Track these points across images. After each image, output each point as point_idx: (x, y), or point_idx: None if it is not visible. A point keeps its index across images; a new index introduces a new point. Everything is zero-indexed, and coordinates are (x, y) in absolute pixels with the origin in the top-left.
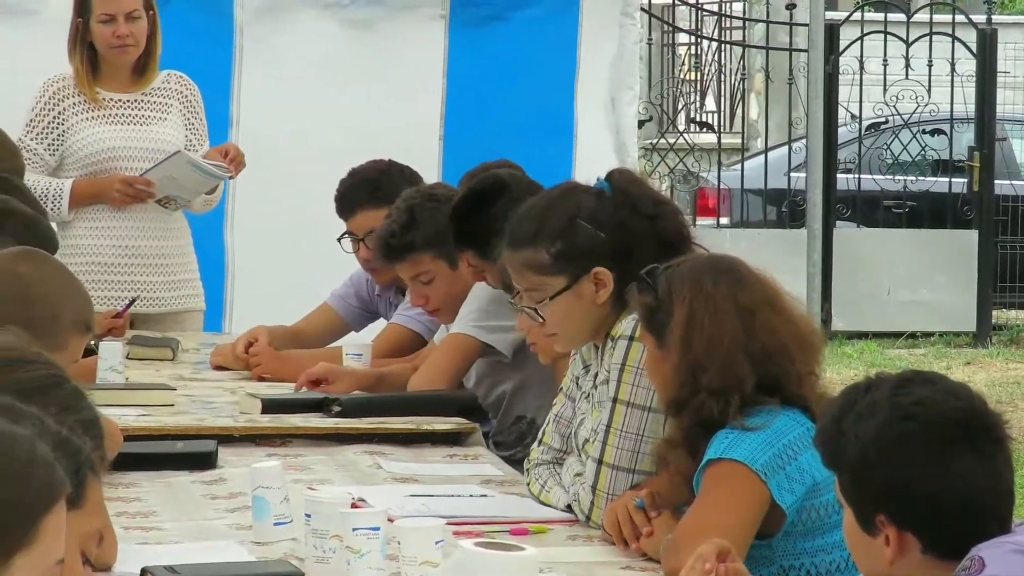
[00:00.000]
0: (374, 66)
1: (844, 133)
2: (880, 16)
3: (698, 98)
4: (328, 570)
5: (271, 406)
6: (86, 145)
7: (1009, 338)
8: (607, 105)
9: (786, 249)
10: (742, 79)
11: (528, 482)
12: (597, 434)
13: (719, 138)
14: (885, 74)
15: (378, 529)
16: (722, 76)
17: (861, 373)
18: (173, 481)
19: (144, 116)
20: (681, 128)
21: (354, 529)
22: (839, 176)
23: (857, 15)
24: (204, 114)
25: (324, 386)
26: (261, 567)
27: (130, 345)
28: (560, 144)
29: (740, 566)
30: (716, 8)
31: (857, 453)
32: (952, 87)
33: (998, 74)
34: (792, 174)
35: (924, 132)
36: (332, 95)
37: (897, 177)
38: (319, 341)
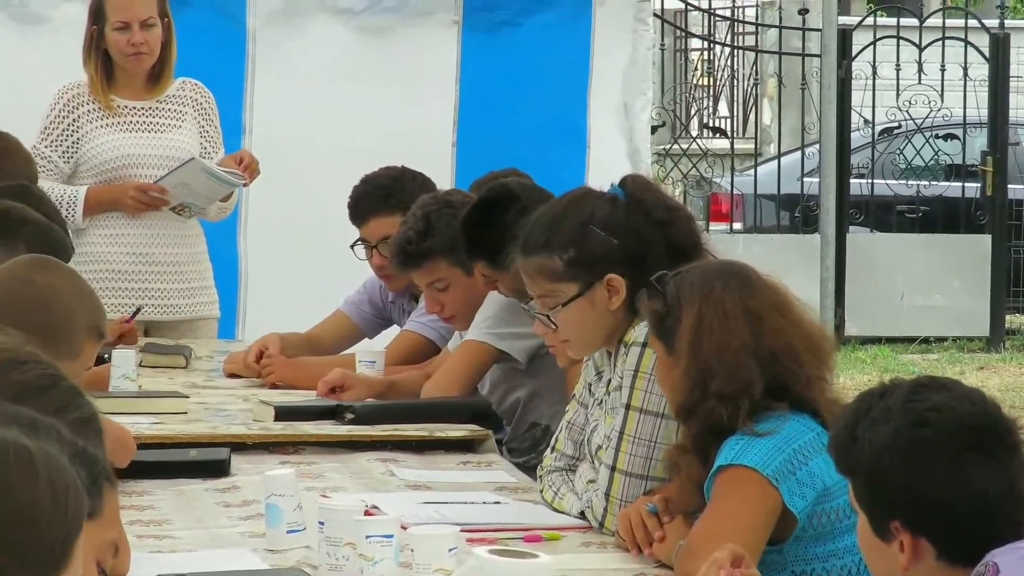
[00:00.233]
0: (387, 72)
1: (857, 138)
2: (893, 21)
3: (711, 103)
4: None
5: (284, 414)
6: (100, 152)
7: (1022, 343)
8: (620, 110)
9: (799, 254)
10: (755, 84)
11: (541, 489)
12: (610, 441)
13: (732, 143)
14: (898, 79)
15: (391, 536)
16: (735, 81)
17: (875, 378)
18: (186, 489)
19: (159, 124)
20: (694, 133)
21: (367, 536)
22: (852, 181)
23: (870, 20)
24: (219, 122)
25: (338, 393)
26: (274, 575)
27: (143, 353)
28: (573, 150)
29: (754, 572)
30: (729, 13)
31: (871, 459)
32: (965, 91)
33: (1011, 78)
34: (805, 179)
35: (937, 137)
36: (345, 101)
37: (910, 182)
38: (334, 348)
